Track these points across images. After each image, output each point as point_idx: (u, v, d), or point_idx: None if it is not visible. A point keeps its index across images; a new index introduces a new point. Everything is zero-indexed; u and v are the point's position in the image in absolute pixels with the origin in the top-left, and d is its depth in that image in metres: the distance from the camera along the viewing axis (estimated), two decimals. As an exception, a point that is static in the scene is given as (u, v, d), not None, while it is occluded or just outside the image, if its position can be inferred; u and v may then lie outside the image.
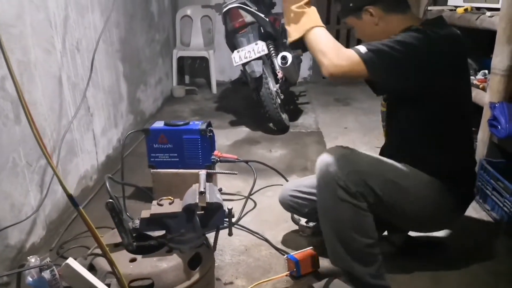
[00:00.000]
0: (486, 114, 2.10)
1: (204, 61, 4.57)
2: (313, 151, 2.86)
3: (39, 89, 1.86)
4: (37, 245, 1.82)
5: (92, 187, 2.36)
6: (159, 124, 2.15)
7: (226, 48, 3.37)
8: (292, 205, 1.76)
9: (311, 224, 1.92)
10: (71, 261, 1.02)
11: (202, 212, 1.40)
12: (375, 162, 1.40)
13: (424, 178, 1.44)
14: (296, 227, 1.96)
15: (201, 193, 1.40)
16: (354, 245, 1.36)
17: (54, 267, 1.02)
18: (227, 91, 4.53)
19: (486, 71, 2.61)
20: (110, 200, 1.34)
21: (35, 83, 1.84)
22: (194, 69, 4.81)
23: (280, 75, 3.11)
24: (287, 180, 2.38)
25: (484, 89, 2.23)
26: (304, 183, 1.77)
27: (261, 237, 1.89)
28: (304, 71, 4.67)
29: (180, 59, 4.42)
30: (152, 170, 2.16)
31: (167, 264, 1.31)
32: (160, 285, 1.28)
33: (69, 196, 0.81)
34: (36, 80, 1.85)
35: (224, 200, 2.21)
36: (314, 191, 1.71)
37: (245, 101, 3.99)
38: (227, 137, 3.13)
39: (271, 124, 3.28)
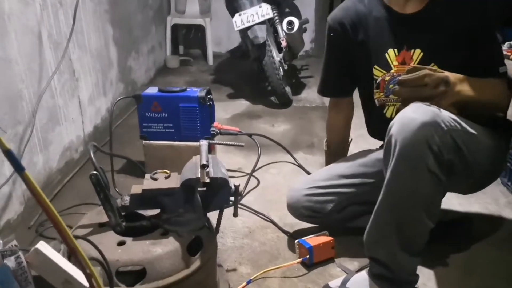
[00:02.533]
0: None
1: (200, 30, 4.30)
2: (319, 127, 2.64)
3: (14, 45, 1.62)
4: (13, 222, 1.60)
5: (77, 160, 2.14)
6: (152, 90, 1.92)
7: (223, 17, 3.12)
8: (310, 206, 1.49)
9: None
10: (42, 245, 0.81)
11: (204, 189, 1.19)
12: (456, 116, 1.16)
13: (482, 127, 1.25)
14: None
15: (203, 167, 1.18)
16: (417, 228, 1.14)
17: (20, 253, 0.81)
18: (224, 63, 4.27)
19: (511, 42, 2.43)
20: (95, 172, 1.11)
21: (9, 37, 1.59)
22: (189, 39, 4.53)
23: (284, 43, 2.86)
24: (293, 157, 2.17)
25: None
26: (318, 177, 1.55)
27: (267, 219, 1.69)
28: (306, 43, 4.40)
29: (174, 28, 4.14)
30: (144, 142, 1.94)
31: (162, 249, 1.09)
32: (154, 274, 1.07)
33: (7, 151, 0.58)
34: (11, 34, 1.60)
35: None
36: (336, 182, 1.49)
37: (244, 74, 3.75)
38: (225, 110, 2.90)
39: (273, 98, 3.05)
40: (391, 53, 1.41)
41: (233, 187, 1.20)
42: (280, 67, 2.82)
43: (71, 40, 2.06)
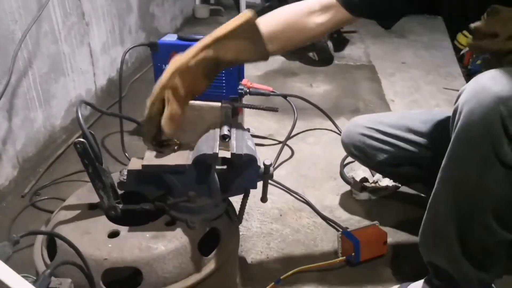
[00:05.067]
0: None
1: (233, -23, 3.91)
2: (365, 88, 2.29)
3: (4, -26, 1.33)
4: (3, 189, 1.37)
5: (87, 117, 1.87)
6: (171, 38, 1.61)
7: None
8: (362, 147, 1.24)
9: (367, 184, 1.42)
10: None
11: (224, 167, 0.90)
12: None
13: None
14: (348, 187, 1.46)
15: (224, 138, 0.89)
16: (483, 237, 0.84)
17: None
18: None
19: None
20: (81, 140, 0.84)
21: (-4, -36, 1.30)
22: (220, -13, 4.15)
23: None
24: (335, 124, 1.84)
25: None
26: (385, 120, 1.25)
27: (302, 199, 1.40)
28: (350, -5, 3.95)
29: (205, -27, 3.77)
30: (160, 100, 1.65)
31: (165, 245, 0.83)
32: (152, 279, 0.80)
33: None
34: (-1, -40, 1.31)
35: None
36: (402, 134, 1.19)
37: (279, 27, 3.37)
38: (256, 66, 2.56)
39: (311, 54, 2.69)
40: None
41: (262, 165, 0.90)
42: (322, 18, 2.44)
43: (81, -24, 1.76)
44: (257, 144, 1.70)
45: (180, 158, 0.89)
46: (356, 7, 0.99)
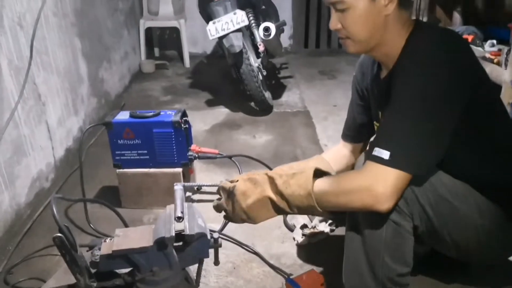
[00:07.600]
0: (507, 95, 1.82)
1: (175, 31, 4.15)
2: (301, 135, 2.56)
3: (-32, 79, 1.49)
4: (-22, 272, 1.50)
5: (48, 189, 2.02)
6: (123, 116, 1.80)
7: (199, 17, 3.01)
8: None
9: (306, 230, 1.65)
10: None
11: (180, 243, 1.10)
12: (432, 174, 1.08)
13: (483, 203, 1.10)
14: (291, 234, 1.69)
15: (179, 219, 1.10)
16: (384, 271, 1.09)
17: None
18: (202, 64, 4.14)
19: (494, 41, 2.36)
20: (59, 235, 1.01)
21: (-39, 72, 1.46)
22: (163, 41, 4.38)
23: (261, 48, 2.76)
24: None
25: (499, 63, 1.95)
26: None
27: (251, 250, 1.61)
28: (285, 40, 4.30)
29: (148, 30, 3.98)
30: (117, 170, 1.83)
31: (138, 316, 1.01)
32: None
33: None
34: (-37, 68, 1.47)
35: (202, 200, 1.94)
36: None
37: (222, 76, 3.63)
38: (204, 120, 2.79)
39: (252, 104, 2.95)
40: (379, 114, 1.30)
41: (212, 240, 1.11)
42: (259, 73, 2.72)
43: (35, 62, 1.93)
44: (207, 201, 1.91)
45: (143, 240, 1.08)
46: None
